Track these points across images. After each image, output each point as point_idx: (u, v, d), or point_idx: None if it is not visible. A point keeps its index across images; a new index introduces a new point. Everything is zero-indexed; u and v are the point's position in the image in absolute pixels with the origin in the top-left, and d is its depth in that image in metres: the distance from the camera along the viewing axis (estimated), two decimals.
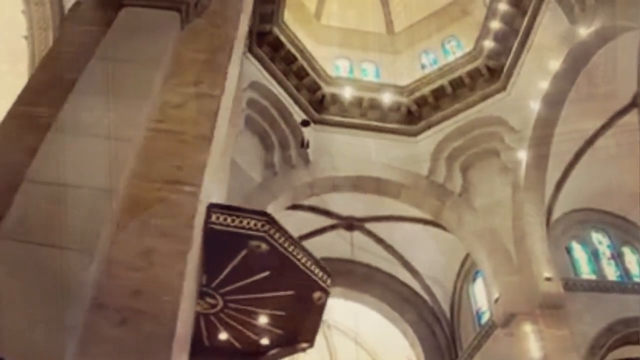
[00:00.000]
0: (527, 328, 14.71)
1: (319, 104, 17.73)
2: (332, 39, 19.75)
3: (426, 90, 18.05)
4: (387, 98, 18.20)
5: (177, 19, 5.69)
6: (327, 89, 17.86)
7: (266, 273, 5.31)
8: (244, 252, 5.09)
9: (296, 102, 17.01)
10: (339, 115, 17.81)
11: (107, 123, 4.55)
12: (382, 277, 19.55)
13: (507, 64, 16.93)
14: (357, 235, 18.59)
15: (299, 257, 5.21)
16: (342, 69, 19.71)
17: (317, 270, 5.39)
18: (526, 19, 16.21)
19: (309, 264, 5.30)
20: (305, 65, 17.35)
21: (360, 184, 17.20)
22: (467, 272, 18.79)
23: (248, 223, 4.91)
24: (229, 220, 4.89)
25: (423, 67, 19.57)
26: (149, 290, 3.71)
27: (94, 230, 3.82)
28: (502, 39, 16.95)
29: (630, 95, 15.69)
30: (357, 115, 17.97)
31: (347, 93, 18.05)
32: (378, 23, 20.73)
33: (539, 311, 14.70)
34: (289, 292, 5.49)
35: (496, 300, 15.55)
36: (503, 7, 16.68)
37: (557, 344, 14.32)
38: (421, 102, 18.12)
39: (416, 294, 19.63)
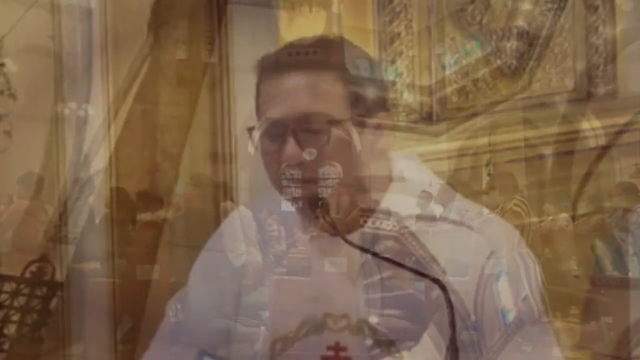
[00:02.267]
0: (557, 325, 14.89)
1: None
2: (350, 38, 19.73)
3: (448, 90, 18.10)
4: (408, 98, 18.23)
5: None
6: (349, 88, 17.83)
7: (388, 273, 5.24)
8: (369, 253, 5.04)
9: None
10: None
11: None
12: None
13: (530, 63, 17.05)
14: None
15: (423, 256, 5.17)
16: (361, 68, 19.70)
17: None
18: (550, 18, 16.34)
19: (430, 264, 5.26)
20: None
21: None
22: (490, 269, 18.92)
23: (381, 223, 4.84)
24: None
25: (443, 67, 19.62)
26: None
27: None
28: (524, 37, 17.07)
29: None
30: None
31: (369, 93, 18.07)
32: (396, 22, 20.76)
33: (568, 308, 14.90)
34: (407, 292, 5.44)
35: (524, 299, 15.68)
36: (526, 6, 16.81)
37: (585, 341, 14.53)
38: (443, 101, 18.18)
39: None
